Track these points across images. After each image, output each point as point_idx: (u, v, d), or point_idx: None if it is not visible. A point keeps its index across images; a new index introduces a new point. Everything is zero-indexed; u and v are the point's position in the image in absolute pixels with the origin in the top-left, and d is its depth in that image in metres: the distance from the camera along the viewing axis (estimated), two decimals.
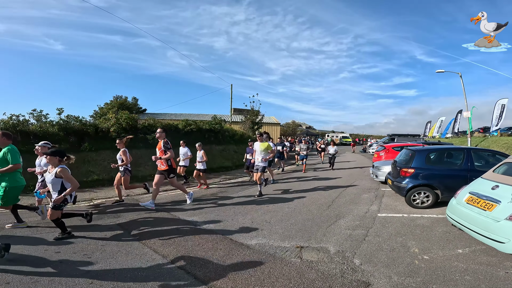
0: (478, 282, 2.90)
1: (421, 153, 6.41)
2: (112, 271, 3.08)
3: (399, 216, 5.42)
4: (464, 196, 4.14)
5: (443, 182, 5.88)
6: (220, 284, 2.83)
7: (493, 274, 3.08)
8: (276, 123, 31.57)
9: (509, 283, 2.89)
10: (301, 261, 3.42)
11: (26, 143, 8.50)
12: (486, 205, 3.62)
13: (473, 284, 2.87)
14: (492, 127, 23.04)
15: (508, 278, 3.00)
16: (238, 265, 3.27)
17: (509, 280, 2.95)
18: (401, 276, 3.04)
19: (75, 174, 8.53)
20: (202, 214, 5.54)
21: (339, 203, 6.47)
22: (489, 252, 3.65)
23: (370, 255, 3.60)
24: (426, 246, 3.90)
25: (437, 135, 33.62)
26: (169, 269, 3.15)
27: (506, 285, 2.85)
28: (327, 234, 4.39)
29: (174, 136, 12.35)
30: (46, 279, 2.87)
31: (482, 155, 6.54)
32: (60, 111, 9.77)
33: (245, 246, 3.88)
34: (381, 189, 8.11)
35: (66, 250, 3.66)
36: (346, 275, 3.06)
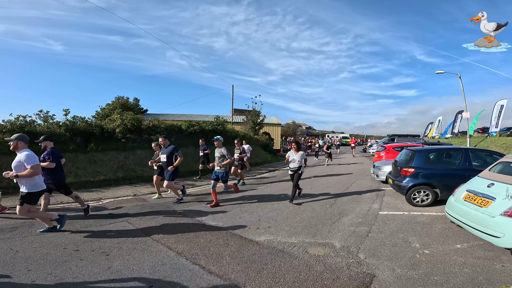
0: (476, 275, 3.09)
1: (421, 153, 6.62)
2: (130, 267, 3.26)
3: (400, 214, 5.63)
4: (461, 194, 4.35)
5: (442, 181, 6.09)
6: (235, 277, 3.02)
7: (490, 267, 3.27)
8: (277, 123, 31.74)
9: (505, 276, 3.08)
10: (309, 255, 3.62)
11: (34, 143, 8.68)
12: (482, 202, 3.83)
13: (472, 276, 3.05)
14: (491, 127, 23.30)
15: (504, 271, 3.19)
16: (249, 260, 3.47)
17: (505, 273, 3.15)
18: (404, 269, 3.24)
19: (82, 174, 8.77)
20: (209, 213, 5.73)
21: (341, 201, 6.68)
22: (486, 247, 3.85)
23: (373, 250, 3.80)
24: (427, 242, 4.10)
25: (437, 135, 33.91)
26: (184, 265, 3.33)
27: (502, 278, 3.04)
28: (332, 231, 4.59)
29: (178, 137, 12.58)
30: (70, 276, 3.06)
31: (480, 155, 6.76)
32: (67, 112, 9.95)
33: (255, 242, 4.08)
34: (382, 188, 8.31)
35: (84, 248, 3.84)
36: (352, 268, 3.26)
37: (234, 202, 6.70)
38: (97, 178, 8.99)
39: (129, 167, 10.10)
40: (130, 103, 31.67)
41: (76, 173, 8.80)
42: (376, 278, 3.03)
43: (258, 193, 7.88)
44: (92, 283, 2.88)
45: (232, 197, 7.21)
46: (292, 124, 49.51)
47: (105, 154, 10.03)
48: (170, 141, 6.97)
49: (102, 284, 2.87)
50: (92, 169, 9.28)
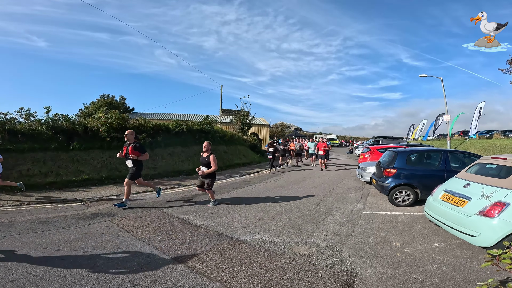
0: (453, 273, 3.21)
1: (402, 154, 6.85)
2: (114, 266, 3.22)
3: (383, 213, 5.80)
4: (439, 194, 4.54)
5: (422, 182, 6.31)
6: (220, 276, 3.04)
7: (467, 266, 3.41)
8: (265, 124, 31.90)
9: (481, 274, 3.19)
10: (294, 254, 3.68)
11: (14, 141, 8.37)
12: (458, 202, 4.00)
13: (449, 275, 3.17)
14: (471, 130, 24.30)
15: (480, 270, 3.32)
16: (236, 259, 3.49)
17: (481, 271, 3.27)
18: (385, 267, 3.34)
19: (64, 173, 8.52)
20: (197, 212, 5.71)
21: (327, 201, 6.80)
22: (464, 246, 4.01)
23: (357, 249, 3.90)
24: (407, 241, 4.24)
25: (419, 138, 35.04)
26: (170, 264, 3.32)
27: (479, 276, 3.15)
28: (317, 230, 4.68)
29: (165, 136, 12.41)
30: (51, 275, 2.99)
31: (458, 156, 7.06)
32: (48, 110, 9.62)
33: (241, 242, 4.10)
34: (366, 189, 8.52)
35: (66, 248, 3.75)
36: (336, 266, 3.34)
37: (221, 202, 6.69)
38: (80, 178, 8.76)
39: (114, 166, 9.87)
40: (116, 101, 30.96)
41: (58, 172, 8.54)
42: (359, 277, 3.11)
43: (245, 193, 7.91)
44: (74, 282, 2.82)
45: (219, 197, 7.21)
46: (281, 125, 49.86)
47: (89, 153, 9.77)
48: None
49: (85, 282, 2.82)
50: (75, 168, 9.02)
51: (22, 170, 8.04)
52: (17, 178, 7.62)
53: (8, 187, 7.12)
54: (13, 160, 8.04)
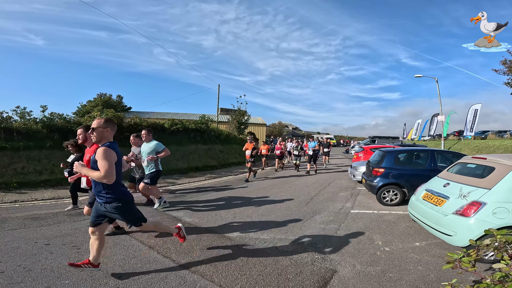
0: (428, 272, 3.29)
1: (391, 154, 6.97)
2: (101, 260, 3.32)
3: (370, 212, 5.92)
4: (421, 193, 4.65)
5: (409, 181, 6.42)
6: (203, 270, 3.15)
7: (442, 266, 3.52)
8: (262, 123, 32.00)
9: (455, 275, 3.26)
10: (278, 251, 3.80)
11: (10, 140, 8.46)
12: (437, 201, 4.10)
13: (424, 274, 3.25)
14: (466, 131, 24.44)
15: (455, 270, 3.43)
16: (219, 254, 3.61)
17: (455, 272, 3.37)
18: (364, 265, 3.44)
19: (59, 171, 8.59)
20: (187, 210, 5.82)
21: (317, 200, 6.92)
22: (443, 245, 4.08)
23: (339, 247, 4.01)
24: (389, 239, 4.35)
25: (415, 138, 35.23)
26: (155, 258, 3.44)
27: (453, 276, 3.19)
28: (303, 228, 4.80)
29: (160, 135, 12.49)
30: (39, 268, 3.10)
31: (445, 156, 7.17)
32: (44, 108, 9.72)
33: (227, 238, 4.22)
34: (357, 188, 8.64)
35: (55, 242, 3.86)
36: (316, 263, 3.45)
37: (212, 200, 6.80)
38: None
39: None
40: (113, 100, 31.00)
41: (52, 170, 8.63)
42: (337, 274, 3.21)
43: (236, 191, 8.01)
44: (60, 273, 2.95)
45: (211, 195, 7.32)
46: (278, 124, 49.94)
47: None
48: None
49: (70, 273, 2.94)
50: None
51: (17, 168, 8.13)
52: (12, 175, 7.72)
53: (3, 184, 7.22)
54: (8, 158, 8.14)
